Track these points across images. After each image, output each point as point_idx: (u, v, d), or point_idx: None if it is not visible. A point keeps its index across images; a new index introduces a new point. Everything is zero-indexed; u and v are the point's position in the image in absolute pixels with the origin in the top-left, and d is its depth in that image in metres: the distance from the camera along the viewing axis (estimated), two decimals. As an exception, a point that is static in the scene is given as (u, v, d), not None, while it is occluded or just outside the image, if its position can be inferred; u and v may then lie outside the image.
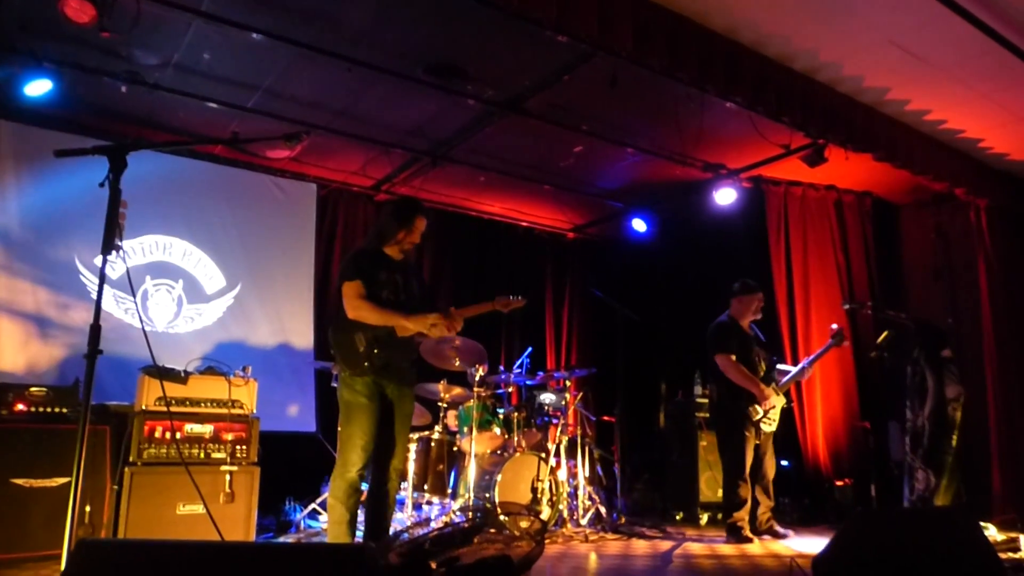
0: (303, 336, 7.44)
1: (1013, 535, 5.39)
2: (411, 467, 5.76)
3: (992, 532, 5.60)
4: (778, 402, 5.68)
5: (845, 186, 7.72)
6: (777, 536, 5.79)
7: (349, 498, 3.81)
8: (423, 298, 4.22)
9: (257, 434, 4.99)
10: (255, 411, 5.05)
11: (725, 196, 7.37)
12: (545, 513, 5.70)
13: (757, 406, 5.59)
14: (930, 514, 4.17)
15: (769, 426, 5.62)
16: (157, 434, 4.67)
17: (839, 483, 7.09)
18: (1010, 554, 5.04)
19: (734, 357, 5.73)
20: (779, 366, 6.01)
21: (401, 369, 4.02)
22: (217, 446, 4.86)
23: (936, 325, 6.45)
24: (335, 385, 4.18)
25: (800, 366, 5.89)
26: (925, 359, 5.94)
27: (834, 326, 5.97)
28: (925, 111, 6.12)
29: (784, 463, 5.86)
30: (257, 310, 7.29)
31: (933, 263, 7.61)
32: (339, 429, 3.93)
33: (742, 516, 5.69)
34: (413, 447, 5.87)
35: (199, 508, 4.59)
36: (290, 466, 6.30)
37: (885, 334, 5.98)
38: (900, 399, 6.17)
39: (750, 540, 5.63)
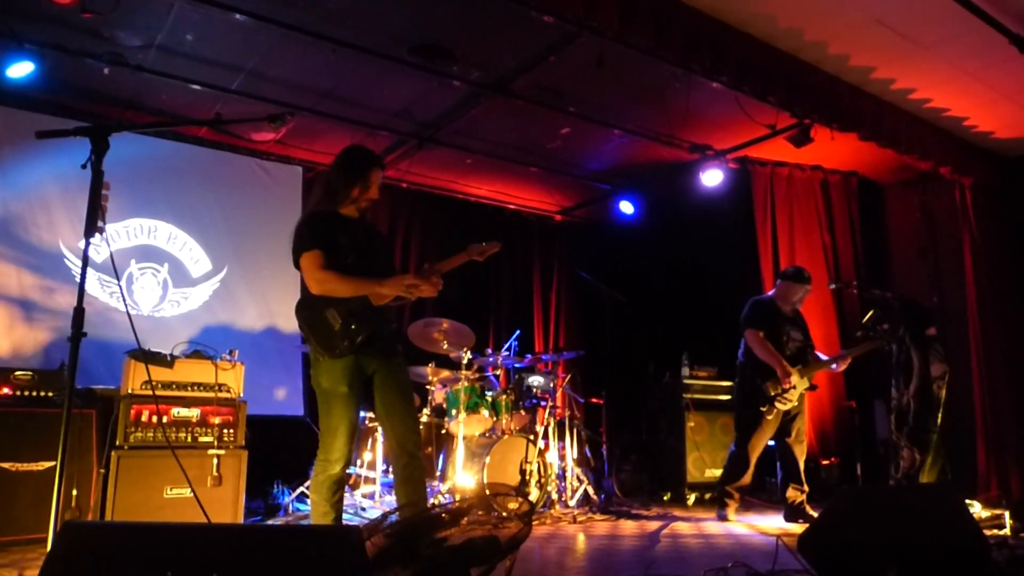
0: (290, 319, 7.28)
1: (998, 512, 5.43)
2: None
3: (977, 509, 5.65)
4: (800, 384, 5.67)
5: (831, 166, 7.72)
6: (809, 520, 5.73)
7: (333, 495, 3.52)
8: (388, 257, 3.88)
9: (244, 418, 4.95)
10: (242, 395, 5.02)
11: (712, 177, 7.37)
12: (534, 494, 5.70)
13: (776, 383, 5.58)
14: (915, 491, 4.19)
15: (784, 404, 5.61)
16: (144, 418, 4.64)
17: (825, 462, 7.13)
18: (995, 531, 5.08)
19: (762, 334, 5.70)
20: (819, 355, 5.95)
21: (383, 340, 3.62)
22: (204, 430, 4.82)
23: (921, 304, 6.47)
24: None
25: (833, 356, 5.83)
26: (910, 338, 5.95)
27: (884, 326, 5.91)
28: (910, 90, 6.12)
29: (770, 442, 5.83)
30: (244, 294, 7.26)
31: (918, 242, 7.64)
32: (320, 419, 3.57)
33: (732, 489, 5.75)
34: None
35: (186, 491, 4.56)
36: (278, 449, 6.27)
37: (871, 313, 5.99)
38: (885, 378, 6.18)
39: (725, 518, 5.70)
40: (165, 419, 4.71)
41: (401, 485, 3.56)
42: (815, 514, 5.65)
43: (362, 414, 6.21)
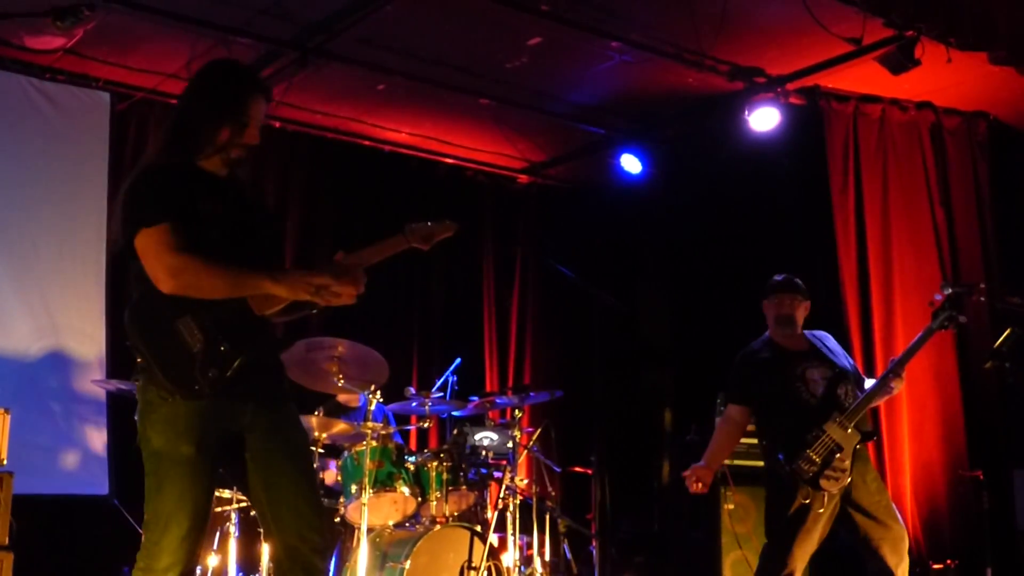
0: (88, 339, 7.38)
1: None
2: (265, 552, 5.67)
3: None
4: (845, 440, 5.59)
5: (947, 103, 7.76)
6: None
7: None
8: (276, 240, 3.88)
9: (9, 499, 4.92)
10: (5, 462, 4.99)
11: (763, 119, 7.40)
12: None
13: (809, 453, 5.50)
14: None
15: (834, 481, 5.53)
16: None
17: (937, 566, 7.12)
18: None
19: (744, 410, 5.78)
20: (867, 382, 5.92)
21: (268, 375, 3.62)
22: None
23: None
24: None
25: (887, 373, 5.78)
26: (1074, 374, 5.95)
27: (937, 296, 5.87)
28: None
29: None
30: (9, 296, 7.18)
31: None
32: (146, 501, 3.47)
33: None
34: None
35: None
36: (67, 549, 6.26)
37: (1007, 333, 5.96)
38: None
39: None
40: None
41: None
42: None
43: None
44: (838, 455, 5.53)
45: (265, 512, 3.55)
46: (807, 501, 5.51)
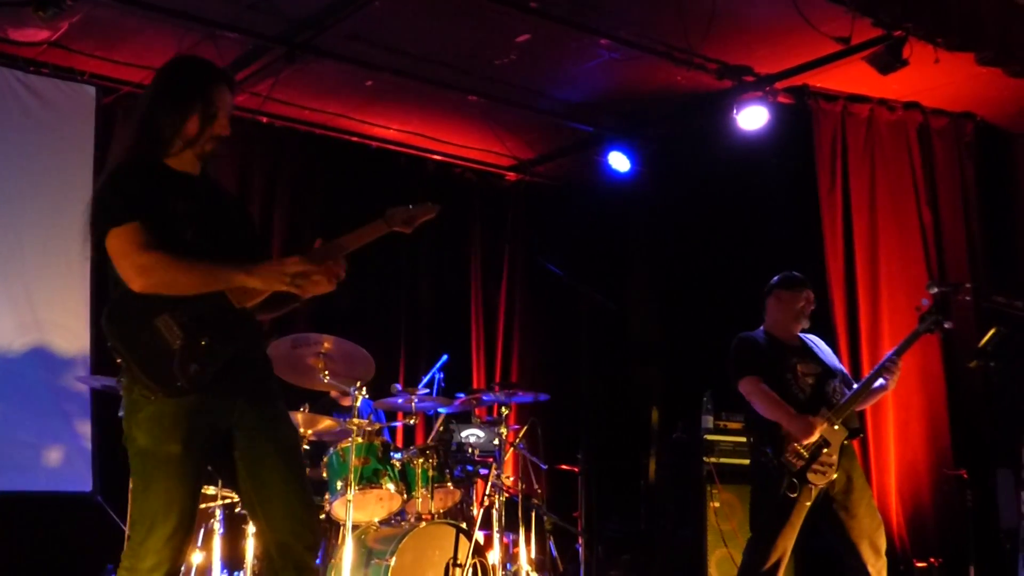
0: (72, 335, 7.36)
1: None
2: (249, 549, 5.65)
3: None
4: (833, 435, 5.61)
5: (934, 104, 7.77)
6: None
7: None
8: (251, 235, 3.85)
9: None
10: None
11: (752, 117, 7.41)
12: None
13: (796, 447, 5.52)
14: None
15: (821, 476, 5.54)
16: None
17: (921, 564, 7.14)
18: None
19: (761, 381, 5.72)
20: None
21: (254, 369, 3.61)
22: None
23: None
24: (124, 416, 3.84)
25: (876, 370, 5.80)
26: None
27: (924, 301, 5.88)
28: (1062, -15, 6.21)
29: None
30: None
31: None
32: (130, 499, 3.51)
33: None
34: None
35: None
36: (51, 547, 6.22)
37: (992, 332, 5.96)
38: (1014, 434, 6.22)
39: None
40: None
41: None
42: None
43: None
44: (825, 450, 5.56)
45: (256, 509, 3.54)
46: (793, 495, 5.53)
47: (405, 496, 6.08)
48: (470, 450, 6.66)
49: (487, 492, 6.36)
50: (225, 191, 3.85)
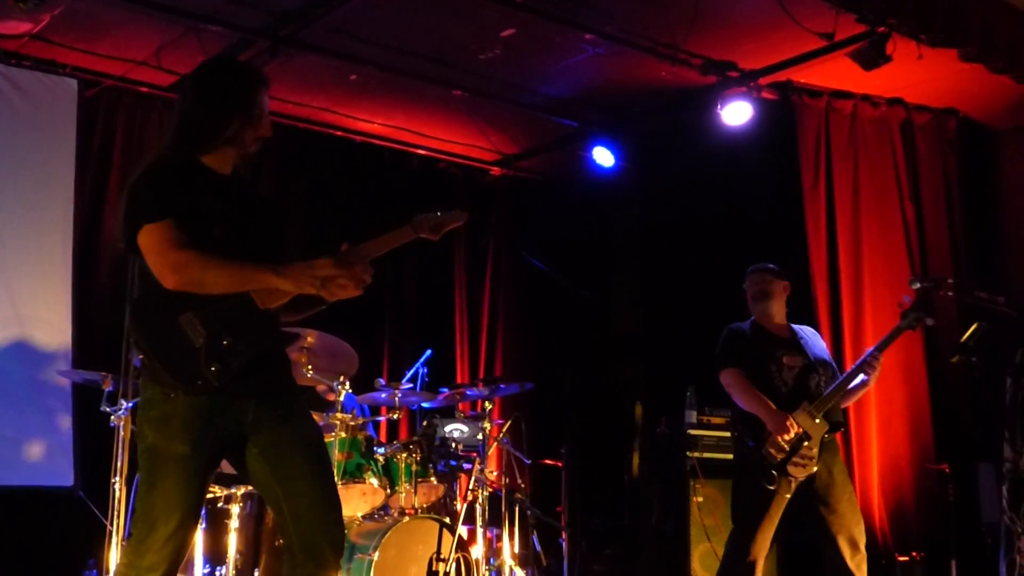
0: (53, 329, 7.31)
1: None
2: (232, 543, 5.66)
3: None
4: (814, 428, 5.62)
5: (917, 100, 7.80)
6: None
7: None
8: (278, 237, 3.85)
9: None
10: None
11: (736, 113, 7.42)
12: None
13: (778, 439, 5.53)
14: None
15: (801, 468, 5.56)
16: None
17: (903, 558, 7.15)
18: None
19: (742, 372, 5.75)
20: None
21: (275, 370, 3.63)
22: None
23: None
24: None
25: (858, 363, 5.81)
26: (1036, 369, 5.98)
27: (907, 298, 5.90)
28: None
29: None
30: None
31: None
32: (136, 498, 3.51)
33: None
34: (236, 510, 5.78)
35: None
36: (31, 541, 6.21)
37: (974, 327, 5.97)
38: (995, 428, 6.19)
39: None
40: None
41: None
42: None
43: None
44: (806, 443, 5.57)
45: (282, 507, 3.54)
46: (772, 487, 5.54)
47: (388, 491, 6.08)
48: (453, 445, 6.62)
49: (471, 487, 6.33)
50: (259, 193, 3.94)
